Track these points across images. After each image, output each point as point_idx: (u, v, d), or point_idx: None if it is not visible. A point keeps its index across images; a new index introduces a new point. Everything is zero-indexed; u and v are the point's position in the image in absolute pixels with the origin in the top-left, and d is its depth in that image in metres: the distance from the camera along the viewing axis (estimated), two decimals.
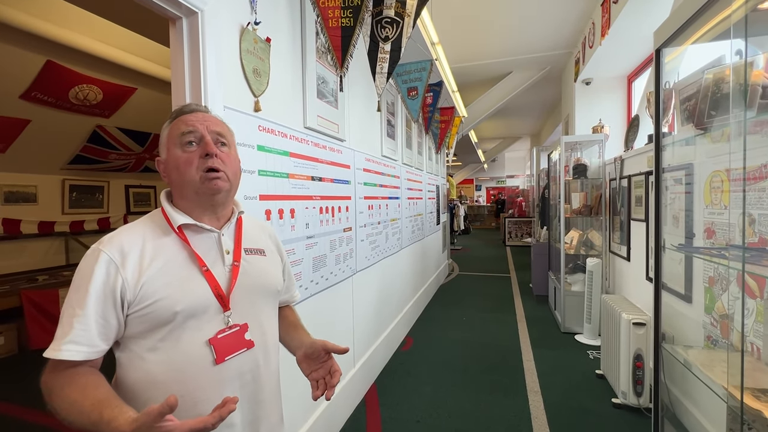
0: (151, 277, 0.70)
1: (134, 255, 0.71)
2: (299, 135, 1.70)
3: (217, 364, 0.73)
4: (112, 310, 0.68)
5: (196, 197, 0.77)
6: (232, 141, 0.84)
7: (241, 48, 1.32)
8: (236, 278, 0.79)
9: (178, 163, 0.75)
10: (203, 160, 0.75)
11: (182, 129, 0.76)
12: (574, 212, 3.77)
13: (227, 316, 0.76)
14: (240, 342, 0.77)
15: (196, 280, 0.74)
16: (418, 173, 4.13)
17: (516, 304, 4.52)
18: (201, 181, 0.75)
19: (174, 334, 0.71)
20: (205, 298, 0.74)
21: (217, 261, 0.78)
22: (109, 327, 0.69)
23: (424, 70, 2.60)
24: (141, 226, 0.76)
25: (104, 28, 2.81)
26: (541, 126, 10.22)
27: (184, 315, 0.71)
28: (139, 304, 0.69)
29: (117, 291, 0.68)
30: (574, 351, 3.11)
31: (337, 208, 2.06)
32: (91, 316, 0.67)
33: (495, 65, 5.52)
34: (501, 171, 16.30)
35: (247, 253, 0.84)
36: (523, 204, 10.67)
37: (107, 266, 0.69)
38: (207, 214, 0.80)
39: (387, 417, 2.22)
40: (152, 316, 0.69)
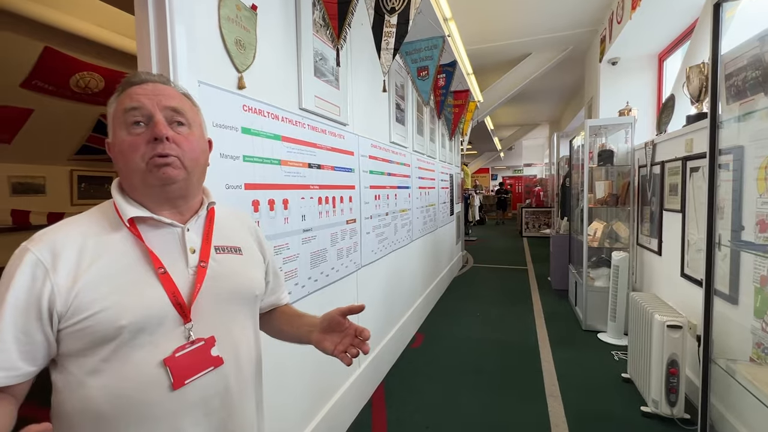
0: (90, 283, 0.57)
1: (69, 255, 0.58)
2: (293, 117, 1.53)
3: (174, 389, 0.60)
4: (37, 325, 0.56)
5: (145, 189, 0.64)
6: (195, 118, 0.69)
7: (220, 15, 1.16)
8: (201, 282, 0.66)
9: (123, 147, 0.62)
10: (151, 144, 0.61)
11: (126, 105, 0.62)
12: (599, 202, 3.51)
13: (188, 328, 0.63)
14: (205, 360, 0.64)
15: (149, 284, 0.61)
16: (431, 161, 3.92)
17: (533, 298, 4.31)
18: (148, 169, 0.62)
19: (120, 354, 0.58)
20: (160, 308, 0.61)
21: (179, 261, 0.65)
22: (35, 345, 0.57)
23: (436, 47, 2.39)
24: (85, 220, 0.64)
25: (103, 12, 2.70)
26: (561, 112, 9.78)
27: (131, 330, 0.58)
28: (74, 316, 0.56)
29: (43, 300, 0.56)
30: (597, 351, 2.90)
31: (339, 198, 1.90)
32: (8, 331, 0.55)
33: (512, 46, 5.22)
34: (518, 160, 15.84)
35: (219, 252, 0.71)
36: (541, 194, 10.31)
37: (33, 269, 0.56)
38: (165, 208, 0.67)
39: (394, 419, 2.09)
40: (90, 331, 0.57)
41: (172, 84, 0.69)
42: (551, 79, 6.58)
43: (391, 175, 2.68)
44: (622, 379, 2.44)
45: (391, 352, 2.67)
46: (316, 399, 1.76)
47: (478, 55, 5.32)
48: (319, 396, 1.78)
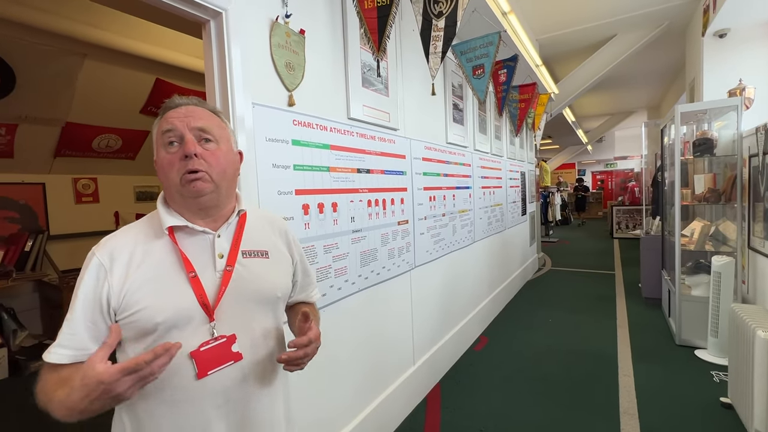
0: (134, 285, 0.68)
1: (122, 260, 0.69)
2: (341, 127, 1.65)
3: (198, 378, 0.70)
4: (100, 316, 0.68)
5: (181, 200, 0.74)
6: (223, 135, 0.77)
7: (272, 43, 1.32)
8: (227, 285, 0.74)
9: (162, 164, 0.72)
10: (183, 161, 0.71)
11: (164, 127, 0.72)
12: (696, 198, 3.05)
13: (212, 326, 0.72)
14: (226, 354, 0.72)
15: (181, 287, 0.70)
16: (496, 159, 3.79)
17: (618, 306, 3.89)
18: (181, 183, 0.71)
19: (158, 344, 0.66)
20: (189, 308, 0.70)
21: (208, 266, 0.74)
22: (101, 331, 0.68)
23: (491, 44, 2.32)
24: (136, 228, 0.75)
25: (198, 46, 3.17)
26: (660, 96, 8.59)
27: (166, 326, 0.68)
28: (124, 312, 0.68)
29: (103, 297, 0.67)
30: (693, 369, 2.53)
31: (390, 201, 1.98)
32: (79, 320, 0.67)
33: (592, 30, 4.76)
34: (610, 152, 14.24)
35: (245, 256, 0.79)
36: (636, 190, 9.17)
37: (97, 271, 0.68)
38: (200, 216, 0.76)
39: (447, 421, 2.09)
40: (136, 326, 0.68)
41: (204, 105, 0.77)
42: (645, 61, 5.85)
43: (448, 176, 2.68)
44: (721, 404, 2.10)
45: (449, 353, 2.67)
46: (368, 390, 1.86)
47: (550, 44, 4.99)
48: (371, 388, 1.88)
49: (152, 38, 2.98)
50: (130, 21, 2.64)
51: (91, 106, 3.24)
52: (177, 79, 3.39)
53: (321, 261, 1.53)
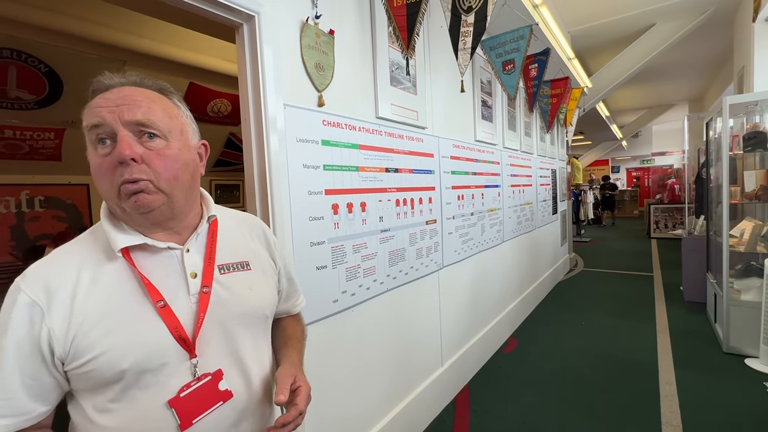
0: (85, 325, 0.53)
1: (63, 294, 0.53)
2: (370, 126, 1.65)
3: (182, 430, 0.57)
4: (42, 368, 0.53)
5: (125, 215, 0.58)
6: (173, 125, 0.59)
7: (302, 44, 1.33)
8: (205, 311, 0.61)
9: (93, 171, 0.56)
10: (119, 168, 0.54)
11: (87, 121, 0.55)
12: (747, 197, 2.85)
13: (194, 364, 0.59)
14: (213, 395, 0.60)
15: (148, 321, 0.56)
16: (526, 157, 3.69)
17: (658, 310, 3.69)
18: (119, 197, 0.55)
19: (128, 394, 0.55)
20: (161, 346, 0.56)
21: (179, 290, 0.60)
22: (45, 387, 0.54)
23: (522, 38, 2.25)
24: (78, 249, 0.58)
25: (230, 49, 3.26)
26: (703, 88, 8.09)
27: (134, 371, 0.55)
28: (74, 361, 0.53)
29: (43, 345, 0.52)
30: (743, 379, 2.36)
31: (418, 200, 1.96)
32: (13, 379, 0.52)
33: (629, 20, 4.54)
34: (647, 148, 13.57)
35: (223, 272, 0.65)
36: (676, 187, 8.69)
37: (29, 312, 0.52)
38: (157, 230, 0.60)
39: (476, 423, 2.05)
40: (93, 375, 0.53)
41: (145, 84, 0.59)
42: (687, 51, 5.52)
43: (476, 175, 2.62)
44: None
45: (477, 354, 2.62)
46: (396, 391, 1.85)
47: (584, 36, 4.79)
48: (399, 388, 1.87)
49: (186, 44, 3.09)
50: (166, 28, 2.74)
51: None
52: (209, 82, 3.50)
53: (350, 261, 1.53)
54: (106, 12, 2.53)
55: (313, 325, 1.37)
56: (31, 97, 2.75)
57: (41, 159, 3.29)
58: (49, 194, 3.45)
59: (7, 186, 3.11)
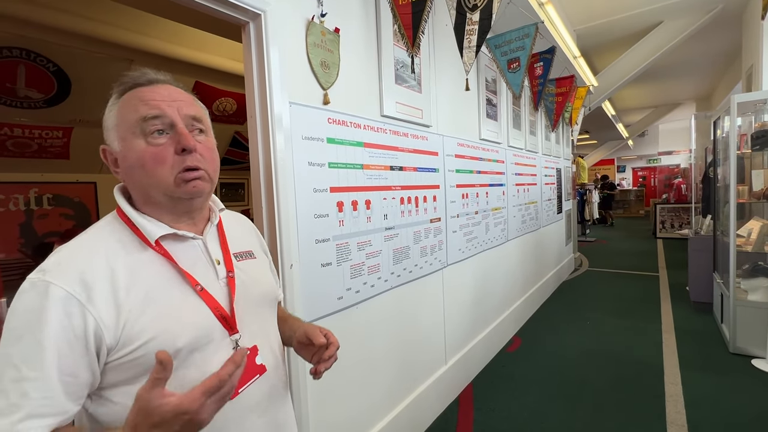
0: (134, 312, 0.54)
1: (103, 285, 0.54)
2: (375, 124, 1.65)
3: (231, 398, 0.58)
4: (84, 363, 0.52)
5: (168, 202, 0.61)
6: (209, 125, 0.67)
7: (308, 42, 1.33)
8: (234, 293, 0.65)
9: (144, 159, 0.57)
10: (180, 156, 0.58)
11: (143, 112, 0.57)
12: (755, 196, 2.82)
13: (235, 339, 0.63)
14: (251, 369, 0.65)
15: (192, 304, 0.60)
16: (531, 156, 3.67)
17: (663, 310, 3.67)
18: (176, 183, 0.59)
19: (175, 377, 0.54)
20: (207, 325, 0.60)
21: (209, 275, 0.64)
22: (81, 384, 0.52)
23: (528, 36, 2.24)
24: (99, 242, 0.58)
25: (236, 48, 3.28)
26: (711, 86, 8.01)
27: (187, 350, 0.57)
28: (124, 348, 0.53)
29: (90, 335, 0.51)
30: (749, 380, 2.35)
31: (422, 198, 1.96)
32: (52, 377, 0.50)
33: (635, 18, 4.50)
34: (653, 147, 13.46)
35: (239, 259, 0.71)
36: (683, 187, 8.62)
37: (65, 305, 0.51)
38: (183, 220, 0.64)
39: (480, 421, 2.06)
40: (144, 360, 0.54)
41: (179, 85, 0.64)
42: (695, 49, 5.47)
43: (481, 173, 2.62)
44: None
45: (481, 353, 2.62)
46: (400, 388, 1.85)
47: (590, 34, 4.76)
48: (403, 386, 1.87)
49: (192, 43, 3.11)
50: (172, 27, 2.76)
51: None
52: (214, 81, 3.52)
53: (354, 258, 1.54)
54: (114, 11, 2.55)
55: (317, 322, 1.38)
56: (39, 96, 2.78)
57: (49, 157, 3.33)
58: (57, 192, 3.49)
59: (16, 184, 3.15)
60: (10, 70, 2.48)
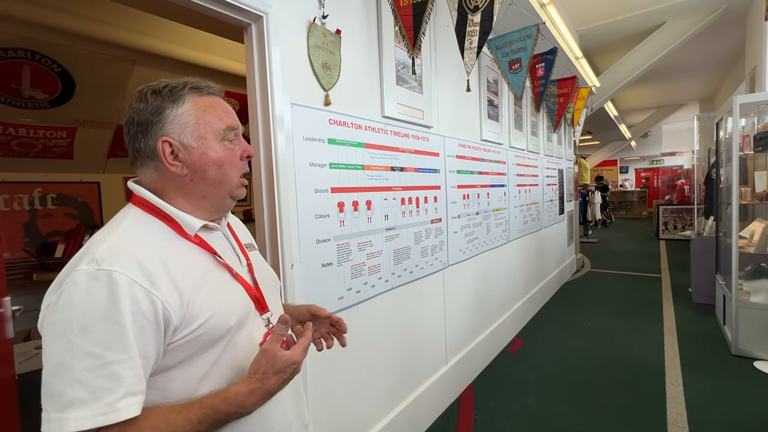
0: (192, 294, 0.59)
1: (159, 270, 0.57)
2: (376, 125, 1.66)
3: None
4: (153, 343, 0.55)
5: (220, 202, 0.68)
6: None
7: (309, 44, 1.34)
8: (255, 277, 0.74)
9: (222, 160, 0.65)
10: (243, 162, 0.68)
11: (229, 122, 0.66)
12: (757, 197, 2.81)
13: (267, 317, 0.72)
14: None
15: (233, 286, 0.68)
16: (533, 157, 3.67)
17: (665, 312, 3.66)
18: (237, 186, 0.68)
19: (228, 351, 0.64)
20: (248, 304, 0.69)
21: (236, 261, 0.71)
22: (150, 366, 0.56)
23: (529, 37, 2.25)
24: (141, 232, 0.61)
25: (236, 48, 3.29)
26: (714, 87, 7.98)
27: (236, 327, 0.65)
28: (188, 327, 0.58)
29: (160, 318, 0.55)
30: (751, 382, 2.34)
31: (423, 199, 1.97)
32: (137, 357, 0.53)
33: (638, 19, 4.50)
34: (656, 148, 13.42)
35: (249, 250, 0.78)
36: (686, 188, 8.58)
37: (130, 290, 0.53)
38: (212, 216, 0.70)
39: (480, 422, 2.06)
40: (204, 338, 0.60)
41: None
42: (698, 50, 5.45)
43: (482, 174, 2.62)
44: None
45: (482, 353, 2.62)
46: (401, 388, 1.86)
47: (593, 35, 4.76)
48: (404, 386, 1.88)
49: (195, 43, 3.12)
50: (175, 28, 2.78)
51: None
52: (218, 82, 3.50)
53: (355, 258, 1.54)
54: (117, 12, 2.57)
55: None
56: (44, 97, 2.80)
57: (54, 157, 3.35)
58: (61, 192, 3.51)
59: (21, 183, 3.17)
60: (15, 71, 2.51)
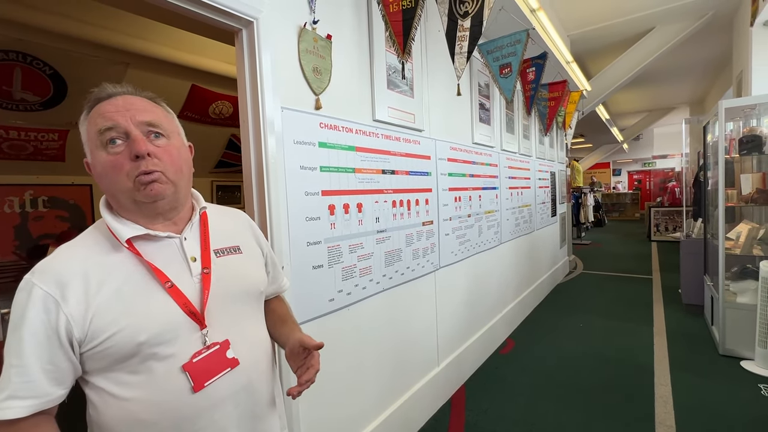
0: (102, 307, 0.60)
1: (75, 284, 0.59)
2: (367, 129, 1.68)
3: (195, 392, 0.64)
4: (60, 353, 0.59)
5: (135, 206, 0.65)
6: (172, 127, 0.70)
7: (300, 48, 1.36)
8: (209, 288, 0.68)
9: (105, 168, 0.62)
10: (134, 163, 0.62)
11: (99, 125, 0.62)
12: (743, 200, 2.86)
13: (204, 334, 0.66)
14: (221, 362, 0.68)
15: (159, 300, 0.64)
16: (524, 159, 3.71)
17: (656, 313, 3.70)
18: (135, 188, 0.62)
19: (146, 366, 0.62)
20: (173, 320, 0.64)
21: (183, 272, 0.68)
22: (62, 371, 0.59)
23: (519, 42, 2.28)
24: (81, 246, 0.65)
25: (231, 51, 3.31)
26: (704, 91, 8.11)
27: (151, 344, 0.61)
28: (93, 341, 0.59)
29: (61, 330, 0.58)
30: (738, 382, 2.38)
31: (415, 201, 1.99)
32: (32, 365, 0.57)
33: (628, 24, 4.57)
34: (648, 151, 13.57)
35: (219, 255, 0.73)
36: (676, 190, 8.69)
37: (44, 303, 0.58)
38: (158, 221, 0.68)
39: (472, 423, 2.07)
40: (111, 351, 0.60)
41: (141, 93, 0.68)
42: (687, 54, 5.54)
43: (474, 177, 2.65)
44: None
45: (474, 355, 2.64)
46: (392, 389, 1.87)
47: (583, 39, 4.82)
48: (395, 387, 1.89)
49: (188, 46, 3.13)
50: (168, 31, 2.78)
51: None
52: (211, 84, 3.54)
53: (346, 260, 1.56)
54: (110, 15, 2.57)
55: (309, 324, 1.40)
56: (35, 99, 2.79)
57: (45, 159, 3.33)
58: (52, 194, 3.49)
59: (12, 186, 3.15)
60: (6, 73, 2.50)
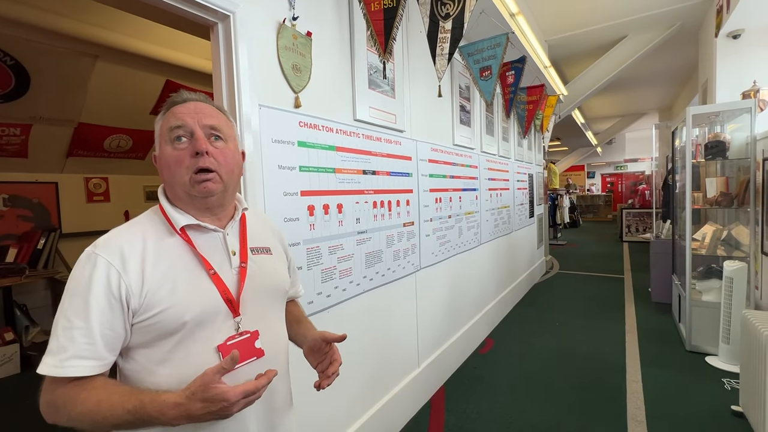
0: (155, 284, 0.65)
1: (135, 259, 0.66)
2: (348, 128, 1.66)
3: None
4: (120, 319, 0.64)
5: (188, 199, 0.72)
6: (231, 134, 0.77)
7: (279, 45, 1.33)
8: (244, 281, 0.74)
9: (169, 161, 0.69)
10: (194, 159, 0.69)
11: (171, 123, 0.70)
12: (708, 202, 3.00)
13: (237, 321, 0.72)
14: (250, 350, 0.72)
15: (204, 284, 0.70)
16: (503, 161, 3.77)
17: (627, 311, 3.83)
18: (191, 183, 0.69)
19: (183, 345, 0.67)
20: (214, 304, 0.69)
21: (224, 263, 0.74)
22: (117, 337, 0.65)
23: (499, 46, 2.31)
24: (139, 227, 0.71)
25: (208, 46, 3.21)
26: (672, 98, 8.47)
27: (192, 324, 0.67)
28: (145, 313, 0.65)
29: (123, 299, 0.64)
30: (703, 376, 2.48)
31: (395, 202, 1.98)
32: (95, 328, 0.62)
33: (603, 31, 4.72)
34: (620, 154, 14.09)
35: (254, 253, 0.79)
36: (647, 193, 9.05)
37: (107, 272, 0.64)
38: (206, 215, 0.75)
39: (452, 423, 2.08)
40: (158, 326, 0.65)
41: (211, 103, 0.76)
42: (657, 62, 5.77)
43: (454, 178, 2.67)
44: (733, 412, 2.06)
45: (454, 355, 2.66)
46: (372, 392, 1.85)
47: (560, 45, 4.95)
48: (376, 389, 1.88)
49: (162, 40, 3.02)
50: (140, 23, 2.67)
51: (102, 107, 3.29)
52: (187, 80, 3.43)
53: (326, 262, 1.53)
54: (77, 4, 2.44)
55: None
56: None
57: (6, 155, 3.15)
58: (13, 192, 3.30)
59: None
60: None
